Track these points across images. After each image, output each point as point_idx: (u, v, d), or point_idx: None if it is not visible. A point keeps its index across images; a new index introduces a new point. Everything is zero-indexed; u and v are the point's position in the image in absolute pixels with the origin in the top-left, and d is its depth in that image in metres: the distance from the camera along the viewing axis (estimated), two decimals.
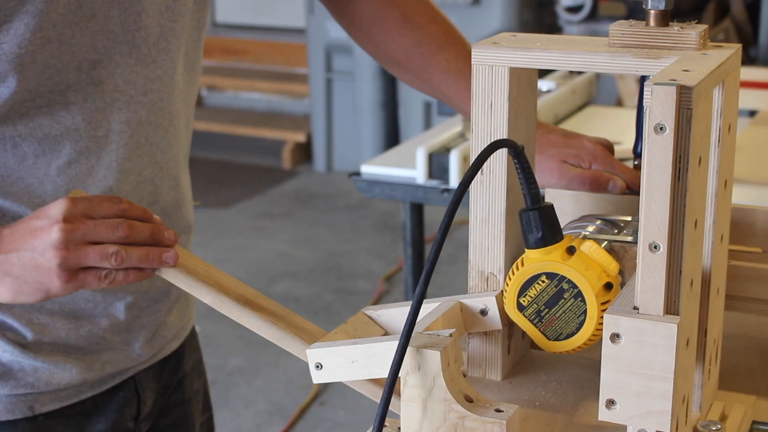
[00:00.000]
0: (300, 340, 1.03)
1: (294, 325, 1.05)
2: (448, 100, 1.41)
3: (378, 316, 1.08)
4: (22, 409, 1.24)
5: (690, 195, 0.88)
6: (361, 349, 0.97)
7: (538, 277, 1.01)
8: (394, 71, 1.47)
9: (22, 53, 1.10)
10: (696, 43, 0.99)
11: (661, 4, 1.00)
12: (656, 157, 0.86)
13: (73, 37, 1.14)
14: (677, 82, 0.86)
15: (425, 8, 1.43)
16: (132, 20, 1.19)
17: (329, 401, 3.53)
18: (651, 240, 0.88)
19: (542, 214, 1.00)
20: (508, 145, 0.98)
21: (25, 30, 1.10)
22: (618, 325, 0.89)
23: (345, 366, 0.98)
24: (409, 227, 2.55)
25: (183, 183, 1.35)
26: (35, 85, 1.13)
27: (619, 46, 1.01)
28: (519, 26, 5.06)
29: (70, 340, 1.25)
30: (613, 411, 0.91)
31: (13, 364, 1.22)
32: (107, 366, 1.29)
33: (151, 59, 1.22)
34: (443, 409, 0.92)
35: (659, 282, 0.89)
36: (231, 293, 1.06)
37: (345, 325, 1.06)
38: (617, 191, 1.26)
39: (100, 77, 1.18)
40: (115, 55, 1.18)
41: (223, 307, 1.06)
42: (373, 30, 1.44)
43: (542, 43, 1.03)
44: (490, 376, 1.10)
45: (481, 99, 1.04)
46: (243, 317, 1.05)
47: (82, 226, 1.04)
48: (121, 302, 1.28)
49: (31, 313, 1.22)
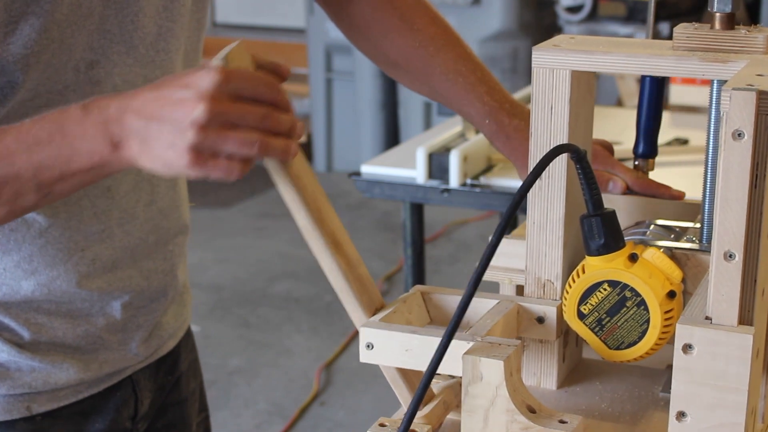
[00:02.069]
0: (358, 299, 1.01)
1: (361, 282, 1.02)
2: (447, 102, 1.40)
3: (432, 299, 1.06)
4: (19, 409, 1.23)
5: (766, 203, 0.86)
6: (418, 339, 0.96)
7: (600, 285, 0.99)
8: (392, 73, 1.46)
9: (28, 54, 1.09)
10: (764, 46, 0.97)
11: (728, 7, 0.98)
12: (734, 164, 0.85)
13: (72, 36, 1.13)
14: (756, 87, 0.84)
15: (423, 10, 1.42)
16: (129, 20, 1.18)
17: (329, 401, 3.52)
18: (726, 249, 0.86)
19: (605, 221, 0.99)
20: (571, 149, 0.96)
21: (30, 31, 1.08)
22: (691, 335, 0.87)
23: (397, 352, 0.97)
24: (409, 227, 2.54)
25: (180, 183, 1.34)
26: (36, 85, 1.12)
27: (684, 50, 0.99)
28: (519, 26, 5.05)
29: (67, 340, 1.24)
30: (684, 423, 0.89)
31: (10, 364, 1.21)
32: (104, 365, 1.28)
33: (149, 59, 1.21)
34: (506, 420, 0.91)
35: (734, 292, 0.87)
36: (324, 225, 1.00)
37: (402, 303, 1.03)
38: (617, 191, 1.26)
39: (98, 77, 1.17)
40: (112, 55, 1.17)
41: (309, 235, 1.00)
42: (371, 32, 1.43)
43: (604, 46, 1.01)
44: (546, 384, 1.08)
45: (541, 102, 1.02)
46: (322, 254, 1.00)
47: (230, 108, 0.95)
48: (118, 302, 1.27)
49: (27, 312, 1.21)
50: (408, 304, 1.04)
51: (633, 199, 1.20)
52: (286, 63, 1.03)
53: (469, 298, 0.91)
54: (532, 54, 1.01)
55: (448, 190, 2.34)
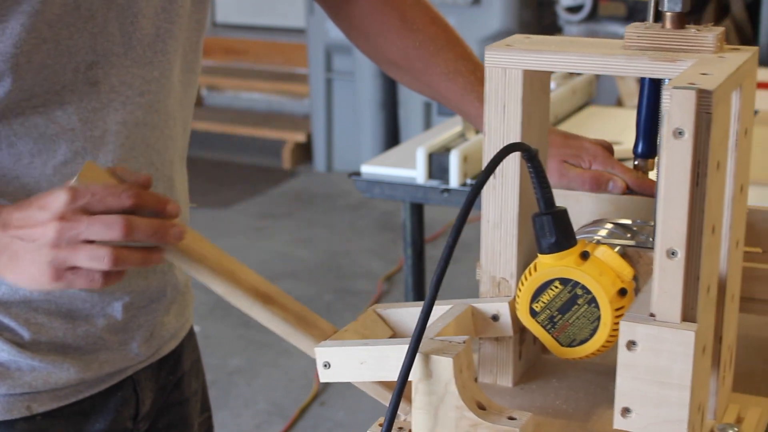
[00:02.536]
0: (310, 337, 1.02)
1: (305, 321, 1.03)
2: (447, 102, 1.40)
3: (388, 315, 1.07)
4: (19, 408, 1.23)
5: (708, 200, 0.87)
6: (370, 350, 0.96)
7: (552, 283, 1.00)
8: (392, 73, 1.47)
9: (18, 53, 1.10)
10: (713, 45, 0.97)
11: (678, 6, 0.99)
12: (675, 162, 0.85)
13: (70, 38, 1.13)
14: (696, 86, 0.84)
15: (424, 10, 1.43)
16: (129, 21, 1.18)
17: (329, 401, 3.53)
18: (668, 246, 0.87)
19: (556, 219, 0.99)
20: (522, 148, 0.97)
21: (20, 30, 1.09)
22: (634, 332, 0.88)
23: (353, 367, 0.97)
24: (409, 227, 2.54)
25: (178, 185, 1.34)
26: (31, 85, 1.13)
27: (635, 49, 1.00)
28: (519, 26, 5.05)
29: (68, 340, 1.24)
30: (629, 419, 0.90)
31: (11, 364, 1.22)
32: (105, 365, 1.28)
33: (147, 60, 1.22)
34: (455, 417, 0.91)
35: (677, 288, 0.87)
36: (243, 285, 1.03)
37: (355, 323, 1.04)
38: (617, 191, 1.26)
39: (96, 78, 1.17)
40: (111, 56, 1.18)
41: (233, 298, 1.03)
42: (371, 32, 1.44)
43: (556, 45, 1.02)
44: (501, 382, 1.09)
45: (494, 101, 1.02)
46: (253, 310, 1.03)
47: (77, 224, 1.00)
48: (119, 302, 1.27)
49: (27, 312, 1.21)
50: (362, 323, 1.05)
51: (633, 198, 1.20)
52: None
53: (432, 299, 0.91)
54: (485, 54, 1.01)
55: (448, 190, 2.34)
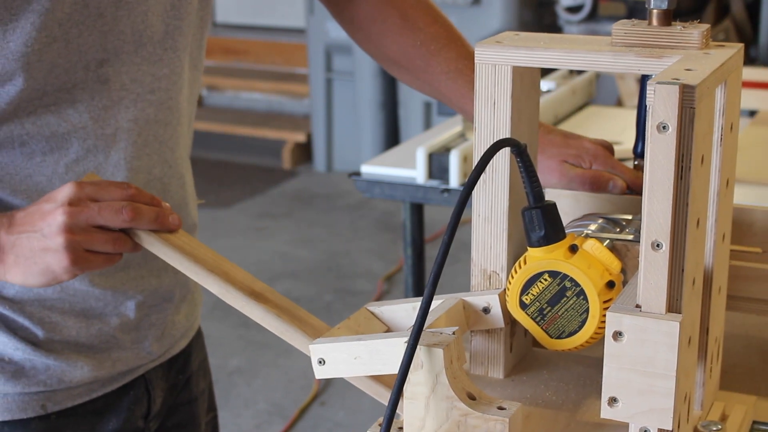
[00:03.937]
0: (303, 334, 1.03)
1: (298, 318, 1.05)
2: (447, 101, 1.41)
3: (381, 312, 1.09)
4: (34, 407, 1.24)
5: (692, 194, 0.88)
6: (364, 345, 0.97)
7: (541, 276, 1.01)
8: (393, 72, 1.48)
9: (29, 52, 1.11)
10: (698, 42, 0.99)
11: (664, 4, 1.00)
12: (658, 156, 0.87)
13: (80, 36, 1.14)
14: (680, 81, 0.86)
15: (425, 9, 1.43)
16: (140, 20, 1.20)
17: (329, 401, 3.54)
18: (653, 239, 0.88)
19: (545, 213, 1.01)
20: (511, 144, 0.98)
21: (31, 29, 1.10)
22: (620, 323, 0.89)
23: (348, 362, 0.99)
24: (409, 227, 2.55)
25: (188, 181, 1.36)
26: (42, 84, 1.14)
27: (621, 45, 1.01)
28: (519, 26, 5.06)
29: (81, 339, 1.26)
30: (616, 409, 0.91)
31: (25, 363, 1.23)
32: (118, 364, 1.30)
33: (157, 58, 1.23)
34: (446, 407, 0.93)
35: (661, 280, 0.89)
36: (237, 283, 1.07)
37: (348, 320, 1.06)
38: (617, 191, 1.27)
39: (107, 75, 1.19)
40: (121, 54, 1.19)
41: (228, 296, 1.06)
42: (373, 30, 1.45)
43: (545, 42, 1.03)
44: (493, 373, 1.10)
45: (484, 98, 1.04)
46: (247, 308, 1.05)
47: (86, 209, 1.06)
48: (132, 301, 1.29)
49: (41, 311, 1.23)
50: (354, 321, 1.06)
51: (633, 198, 1.21)
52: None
53: (430, 297, 0.92)
54: (475, 50, 1.03)
55: (448, 190, 2.34)
